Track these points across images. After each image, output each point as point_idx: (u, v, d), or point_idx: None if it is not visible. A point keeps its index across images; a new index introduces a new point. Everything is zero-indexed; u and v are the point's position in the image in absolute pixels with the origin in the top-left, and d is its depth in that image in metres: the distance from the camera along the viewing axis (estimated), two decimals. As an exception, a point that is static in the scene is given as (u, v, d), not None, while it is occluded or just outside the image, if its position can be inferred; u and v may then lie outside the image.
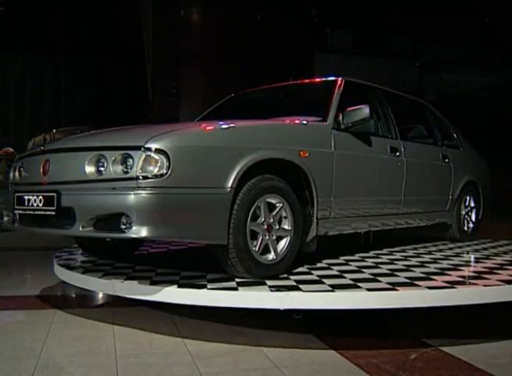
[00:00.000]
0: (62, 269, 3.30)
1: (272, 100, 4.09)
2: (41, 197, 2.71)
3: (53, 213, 2.62)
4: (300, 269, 3.01)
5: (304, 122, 3.19)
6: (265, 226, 2.78)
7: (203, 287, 2.55)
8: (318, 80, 3.90)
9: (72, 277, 3.15)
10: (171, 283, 2.64)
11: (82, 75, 19.09)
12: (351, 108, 3.28)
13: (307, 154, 2.99)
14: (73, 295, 3.70)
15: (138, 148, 2.42)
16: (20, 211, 2.89)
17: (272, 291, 2.47)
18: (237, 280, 2.70)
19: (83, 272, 3.07)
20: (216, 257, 2.73)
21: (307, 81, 3.97)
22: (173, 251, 4.15)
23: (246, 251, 2.66)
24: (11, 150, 12.95)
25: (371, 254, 3.75)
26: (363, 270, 3.00)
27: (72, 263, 3.47)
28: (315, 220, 3.06)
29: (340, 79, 3.63)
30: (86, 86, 19.14)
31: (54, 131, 13.09)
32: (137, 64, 15.98)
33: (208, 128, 2.74)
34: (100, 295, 3.61)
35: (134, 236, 2.35)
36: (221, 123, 2.80)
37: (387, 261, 3.40)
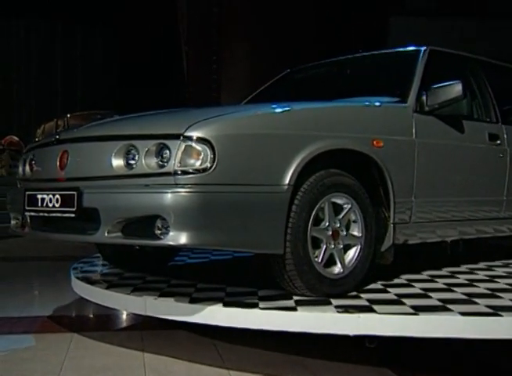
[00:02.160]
0: (81, 284, 3.43)
1: (337, 77, 4.11)
2: (57, 196, 2.82)
3: (73, 215, 2.73)
4: (373, 286, 3.03)
5: (378, 103, 3.20)
6: (330, 232, 2.82)
7: (254, 306, 2.61)
8: (395, 51, 3.90)
9: (93, 293, 3.26)
10: (214, 301, 2.71)
11: (101, 49, 19.61)
12: (439, 85, 3.26)
13: (381, 144, 3.00)
14: (94, 315, 3.84)
15: (176, 137, 2.49)
16: (32, 213, 3.02)
17: (338, 312, 2.50)
18: (296, 298, 2.74)
19: (107, 288, 3.18)
20: (269, 269, 2.78)
21: (381, 52, 3.97)
22: (216, 261, 4.24)
23: (307, 263, 2.70)
24: (16, 138, 13.48)
25: (463, 268, 3.71)
26: (453, 289, 2.99)
27: (93, 276, 3.60)
28: (391, 225, 3.07)
29: (423, 49, 3.61)
30: (106, 62, 19.65)
31: (68, 116, 13.51)
32: (168, 35, 16.30)
33: (260, 112, 2.80)
34: (128, 315, 3.73)
35: (171, 243, 2.43)
36: (276, 106, 2.84)
37: (485, 278, 3.36)
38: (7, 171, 12.13)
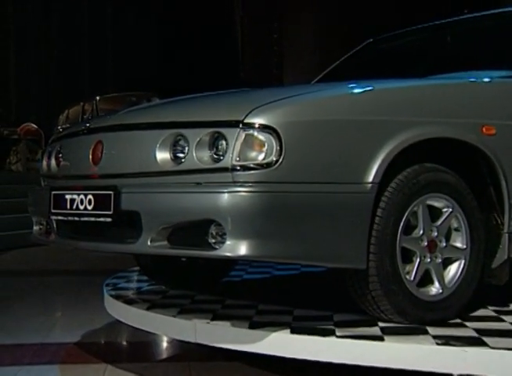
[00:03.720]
0: (116, 303, 3.50)
1: (432, 47, 4.07)
2: (90, 197, 2.88)
3: (108, 220, 2.79)
4: (482, 312, 2.99)
5: (488, 79, 3.15)
6: (425, 243, 2.79)
7: (330, 333, 2.61)
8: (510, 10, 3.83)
9: (131, 315, 3.32)
10: (279, 326, 2.72)
11: (136, 19, 19.86)
12: None
13: (493, 131, 2.95)
14: (132, 342, 3.92)
15: (234, 124, 2.52)
16: (59, 217, 3.10)
17: (438, 344, 2.47)
18: (381, 324, 2.74)
19: (148, 309, 3.23)
20: (348, 288, 2.78)
21: (492, 12, 3.90)
22: (280, 277, 4.26)
23: (396, 280, 2.68)
24: (34, 126, 13.83)
25: None
26: None
27: (130, 295, 3.67)
28: (505, 235, 3.00)
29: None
30: (142, 35, 19.90)
31: (97, 98, 13.82)
32: (217, 2, 16.39)
33: (335, 93, 2.80)
34: (172, 343, 3.78)
35: (227, 254, 2.45)
36: (355, 85, 2.84)
37: None
38: (24, 166, 12.38)
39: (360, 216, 2.60)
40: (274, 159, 2.47)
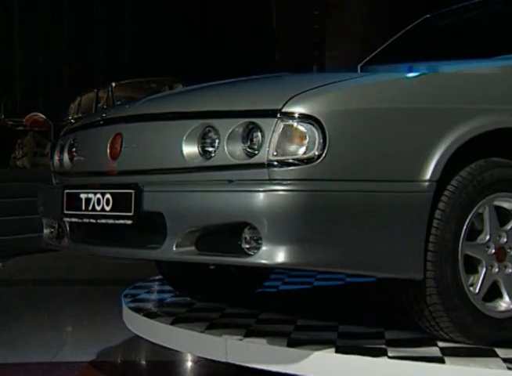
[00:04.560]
0: (136, 317, 3.53)
1: (500, 22, 4.01)
2: (108, 196, 2.90)
3: (129, 222, 2.80)
4: None
5: None
6: (493, 250, 2.77)
7: (381, 353, 2.60)
8: None
9: (153, 330, 3.35)
10: (322, 344, 2.72)
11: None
12: None
13: None
14: (153, 361, 3.89)
15: (271, 114, 2.52)
16: (73, 219, 3.13)
17: (509, 368, 2.45)
18: (441, 344, 2.72)
19: (172, 323, 3.25)
20: (402, 302, 2.76)
21: None
22: (322, 288, 4.27)
23: (458, 294, 2.67)
24: (42, 116, 13.94)
25: None
26: None
27: (152, 307, 3.69)
28: None
29: None
30: (163, 14, 19.96)
31: (113, 85, 13.94)
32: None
33: (386, 78, 2.79)
34: (199, 362, 3.76)
35: (263, 262, 2.46)
36: (409, 68, 2.83)
37: None
38: (30, 161, 12.45)
39: (416, 219, 2.58)
40: (316, 153, 2.47)
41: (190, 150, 2.69)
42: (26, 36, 18.98)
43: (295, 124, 2.49)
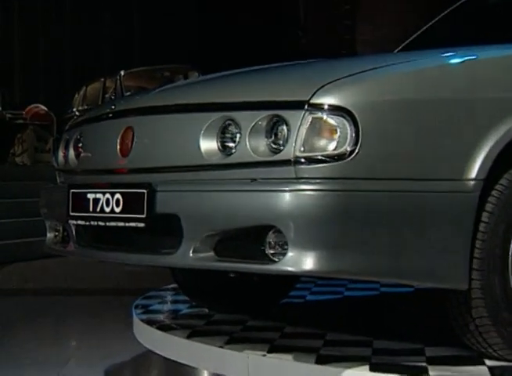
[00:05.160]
0: (148, 330, 3.54)
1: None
2: (118, 196, 2.91)
3: (141, 225, 2.81)
4: None
5: None
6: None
7: (421, 372, 2.59)
8: None
9: (167, 345, 3.36)
10: (355, 361, 2.71)
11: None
12: None
13: None
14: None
15: (298, 105, 2.52)
16: (79, 222, 3.14)
17: None
18: (489, 362, 2.70)
19: (188, 337, 3.27)
20: (443, 314, 2.76)
21: None
22: (353, 299, 4.26)
23: (509, 306, 2.65)
24: (43, 108, 14.00)
25: None
26: None
27: (166, 319, 3.71)
28: None
29: None
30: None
31: (122, 73, 13.96)
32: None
33: (427, 64, 2.78)
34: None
35: (289, 269, 2.46)
36: (453, 53, 2.82)
37: None
38: (31, 158, 12.47)
39: (460, 222, 2.58)
40: (348, 149, 2.47)
41: (208, 145, 2.69)
42: (26, 19, 19.03)
43: (325, 117, 2.49)
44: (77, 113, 14.09)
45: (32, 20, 19.12)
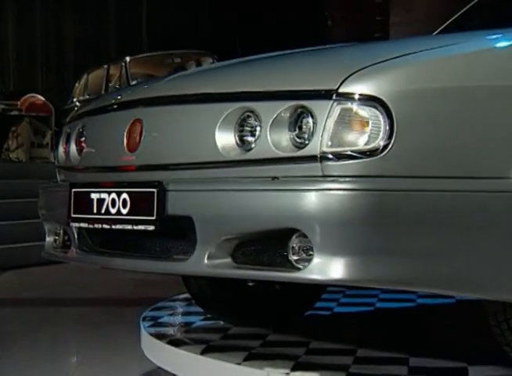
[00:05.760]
0: (157, 344, 3.54)
1: None
2: (125, 196, 2.92)
3: (151, 228, 2.81)
4: None
5: None
6: None
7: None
8: None
9: (178, 361, 3.36)
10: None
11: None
12: None
13: None
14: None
15: (324, 95, 2.51)
16: (82, 225, 3.15)
17: None
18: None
19: (202, 353, 3.26)
20: (491, 329, 2.74)
21: None
22: (386, 311, 4.27)
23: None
24: (40, 99, 14.05)
25: None
26: None
27: (177, 333, 3.71)
28: None
29: None
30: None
31: (127, 60, 14.00)
32: None
33: (470, 48, 2.76)
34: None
35: (315, 277, 2.45)
36: (499, 36, 2.82)
37: None
38: (27, 153, 12.47)
39: (508, 226, 2.56)
40: (381, 144, 2.46)
41: (225, 140, 2.70)
42: (19, 3, 19.08)
43: (355, 108, 2.48)
44: (77, 103, 14.13)
45: (29, 1, 19.16)
